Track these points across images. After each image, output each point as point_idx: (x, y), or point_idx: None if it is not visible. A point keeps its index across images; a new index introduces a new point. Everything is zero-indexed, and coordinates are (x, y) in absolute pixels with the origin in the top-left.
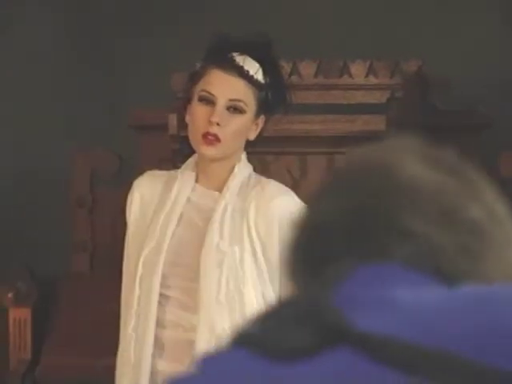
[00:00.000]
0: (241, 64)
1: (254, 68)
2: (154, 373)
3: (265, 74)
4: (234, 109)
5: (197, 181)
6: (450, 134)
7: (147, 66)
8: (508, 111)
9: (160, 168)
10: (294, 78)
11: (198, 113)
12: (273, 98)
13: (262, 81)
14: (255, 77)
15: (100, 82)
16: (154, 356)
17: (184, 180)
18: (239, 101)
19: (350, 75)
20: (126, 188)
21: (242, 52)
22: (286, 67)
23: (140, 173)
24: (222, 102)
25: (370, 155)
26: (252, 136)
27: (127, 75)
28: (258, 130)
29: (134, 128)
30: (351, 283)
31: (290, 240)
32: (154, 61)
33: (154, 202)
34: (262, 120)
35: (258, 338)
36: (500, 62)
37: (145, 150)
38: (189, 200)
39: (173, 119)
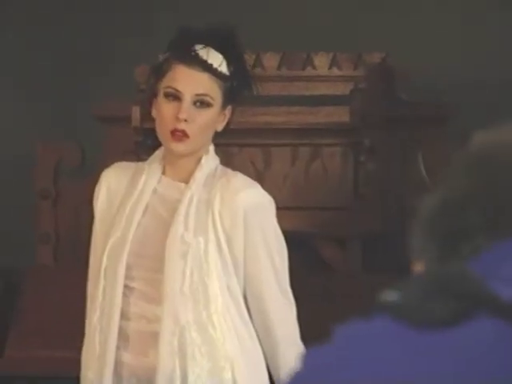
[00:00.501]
0: (204, 58)
1: (217, 60)
2: (118, 365)
3: (229, 64)
4: (201, 103)
5: (163, 173)
6: (415, 126)
7: (111, 57)
8: (473, 101)
9: (123, 160)
10: (258, 70)
11: (164, 110)
12: (238, 87)
13: (227, 72)
14: (219, 69)
15: (64, 73)
16: (118, 348)
17: (151, 172)
18: (205, 95)
19: (314, 67)
20: (90, 180)
21: (205, 44)
22: (249, 59)
23: (104, 165)
24: (188, 98)
25: (502, 133)
26: (220, 127)
27: (91, 66)
28: (226, 120)
29: (97, 119)
30: (488, 258)
31: (418, 218)
32: (117, 53)
33: (121, 194)
34: (228, 110)
35: (400, 307)
36: (464, 53)
37: (108, 141)
38: (155, 191)
39: (136, 111)
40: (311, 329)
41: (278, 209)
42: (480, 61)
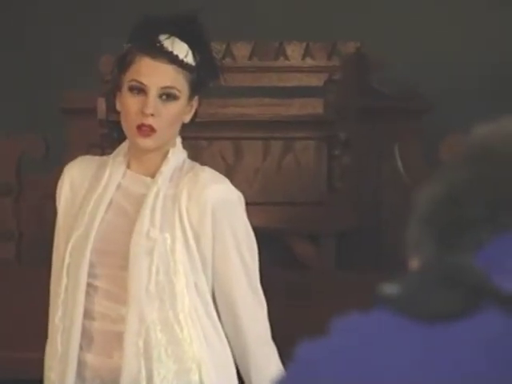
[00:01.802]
0: (169, 49)
1: (183, 51)
2: (81, 366)
3: (195, 54)
4: (167, 96)
5: (128, 167)
6: (390, 118)
7: (75, 47)
8: (450, 93)
9: (88, 153)
10: (228, 60)
11: (129, 104)
12: (205, 77)
13: (193, 63)
14: (185, 60)
15: (26, 65)
16: (81, 348)
17: (115, 166)
18: (171, 88)
19: (286, 57)
20: (54, 174)
21: (170, 33)
22: (219, 49)
23: (68, 158)
24: (153, 92)
25: (503, 125)
26: (187, 119)
27: (54, 57)
28: (193, 111)
29: (61, 112)
30: (491, 250)
31: (415, 211)
32: (82, 42)
33: (85, 188)
34: (195, 101)
35: (401, 300)
36: (442, 43)
37: (73, 134)
38: (119, 186)
39: (101, 103)
40: (284, 328)
41: (249, 204)
42: (459, 48)
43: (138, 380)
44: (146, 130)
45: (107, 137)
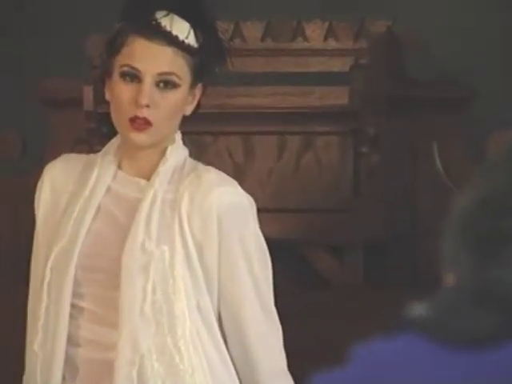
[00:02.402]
0: (168, 29)
1: (184, 31)
2: None
3: (197, 34)
4: (165, 84)
5: (119, 167)
6: (426, 109)
7: (57, 28)
8: (495, 82)
9: (73, 151)
10: (237, 42)
11: (121, 93)
12: (210, 61)
13: (195, 44)
14: (186, 41)
15: (2, 55)
16: (64, 380)
17: (104, 165)
18: (170, 74)
19: (305, 38)
20: (31, 175)
21: (168, 9)
22: (226, 29)
23: (49, 157)
24: (149, 79)
25: None
26: (188, 111)
27: (33, 40)
28: (195, 102)
29: (42, 103)
30: None
31: (450, 220)
32: (65, 21)
33: (68, 192)
34: (198, 90)
35: (429, 322)
36: (486, 23)
37: (55, 129)
38: (109, 189)
39: (88, 93)
40: (302, 355)
41: (261, 211)
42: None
43: None
44: (140, 123)
45: (95, 131)
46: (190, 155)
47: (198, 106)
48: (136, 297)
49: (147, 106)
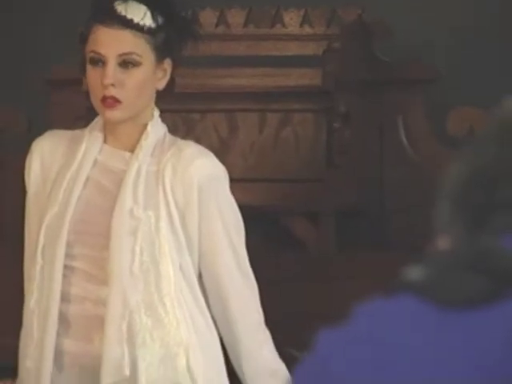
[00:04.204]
0: (123, 13)
1: (139, 13)
2: (58, 353)
3: (155, 15)
4: (128, 63)
5: (105, 141)
6: (395, 89)
7: (59, 14)
8: (457, 63)
9: (73, 127)
10: (221, 28)
11: (91, 77)
12: (174, 37)
13: (153, 24)
14: (142, 23)
15: (6, 34)
16: (58, 334)
17: (91, 140)
18: (130, 54)
19: (283, 25)
20: None
21: None
22: (211, 16)
23: None
24: (111, 60)
25: None
26: (161, 85)
27: (38, 25)
28: (167, 76)
29: (47, 84)
30: None
31: (443, 188)
32: (66, 9)
33: (57, 164)
34: (168, 65)
35: (426, 285)
36: (449, 9)
37: (57, 107)
38: (96, 162)
39: None
40: (281, 312)
41: (244, 181)
42: (469, 14)
43: (121, 366)
44: (110, 102)
45: (93, 110)
46: (178, 130)
47: (173, 81)
48: (125, 258)
49: (112, 85)
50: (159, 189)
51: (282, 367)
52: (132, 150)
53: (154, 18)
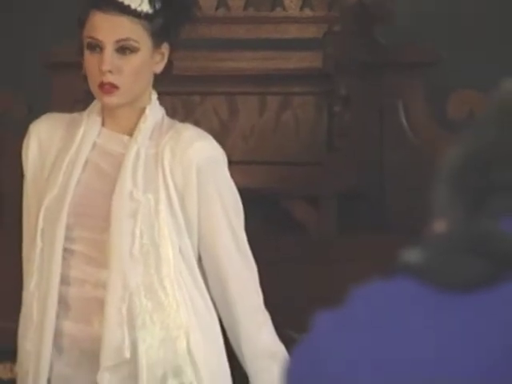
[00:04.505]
0: (120, 0)
1: (136, 0)
2: (58, 335)
3: (152, 1)
4: (125, 49)
5: (103, 125)
6: (395, 72)
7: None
8: (457, 46)
9: (72, 110)
10: (221, 11)
11: (88, 62)
12: (171, 22)
13: (150, 10)
14: (139, 9)
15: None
16: (58, 316)
17: (90, 123)
18: (127, 40)
19: (284, 8)
20: None
21: None
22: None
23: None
24: (109, 47)
25: None
26: (159, 68)
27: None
28: (165, 60)
29: (46, 67)
30: None
31: (441, 171)
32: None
33: (55, 148)
34: (166, 49)
35: (424, 267)
36: None
37: (56, 90)
38: (95, 145)
39: None
40: (281, 295)
41: (245, 163)
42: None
43: (121, 349)
44: (107, 87)
45: (91, 93)
46: (179, 113)
47: (171, 64)
48: (125, 240)
49: (110, 72)
50: (158, 172)
51: (281, 349)
52: (130, 134)
53: (151, 3)
